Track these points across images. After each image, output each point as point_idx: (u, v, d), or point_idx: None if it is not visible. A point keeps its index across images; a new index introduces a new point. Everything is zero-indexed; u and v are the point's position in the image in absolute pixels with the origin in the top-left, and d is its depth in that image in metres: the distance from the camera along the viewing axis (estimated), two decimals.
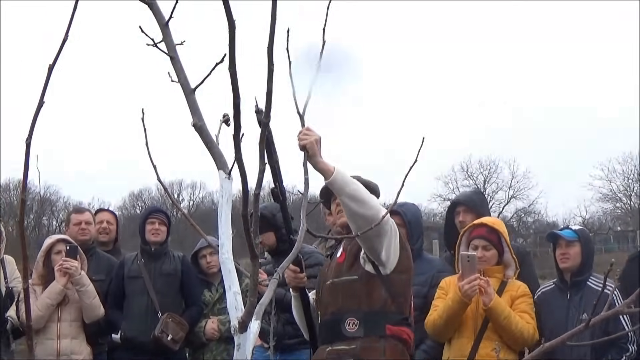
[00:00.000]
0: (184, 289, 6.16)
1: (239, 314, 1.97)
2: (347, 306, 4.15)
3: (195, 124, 2.10)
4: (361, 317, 4.11)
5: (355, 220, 3.85)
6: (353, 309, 4.13)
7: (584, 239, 5.10)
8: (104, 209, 7.43)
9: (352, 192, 3.81)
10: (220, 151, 2.09)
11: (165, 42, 2.12)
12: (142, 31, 2.09)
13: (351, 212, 3.84)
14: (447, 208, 5.96)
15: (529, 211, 55.44)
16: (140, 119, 2.32)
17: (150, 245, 6.18)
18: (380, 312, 4.14)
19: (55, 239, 6.01)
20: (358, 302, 4.14)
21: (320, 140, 3.72)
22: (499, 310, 4.66)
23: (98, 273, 6.12)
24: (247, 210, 1.85)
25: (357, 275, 4.15)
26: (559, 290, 5.07)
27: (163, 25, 2.12)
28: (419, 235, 5.40)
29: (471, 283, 4.64)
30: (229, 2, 1.67)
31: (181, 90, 2.10)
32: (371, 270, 4.14)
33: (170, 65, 2.13)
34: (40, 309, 5.69)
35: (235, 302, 2.00)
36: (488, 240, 4.93)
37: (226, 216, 2.06)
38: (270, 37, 1.79)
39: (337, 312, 4.18)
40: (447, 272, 5.18)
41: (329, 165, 3.79)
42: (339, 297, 4.18)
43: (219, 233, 2.05)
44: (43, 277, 5.89)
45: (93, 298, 5.83)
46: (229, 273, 2.01)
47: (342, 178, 3.81)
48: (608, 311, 1.99)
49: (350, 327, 4.11)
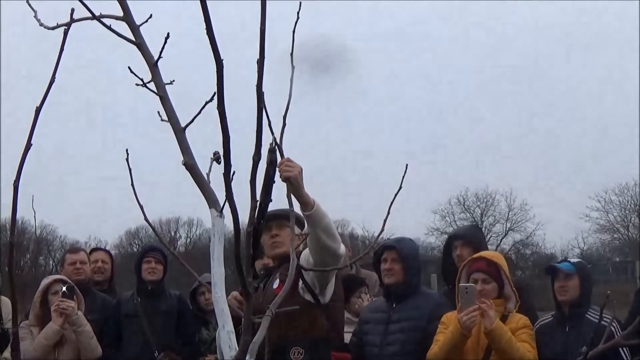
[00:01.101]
0: (181, 327, 6.13)
1: (233, 352, 1.95)
2: (290, 336, 4.21)
3: (186, 163, 2.09)
4: (306, 346, 4.18)
5: (323, 252, 3.98)
6: (297, 338, 4.19)
7: (582, 272, 5.10)
8: (99, 248, 7.44)
9: (326, 226, 3.96)
10: (211, 189, 2.07)
11: (155, 81, 2.12)
12: (131, 71, 2.10)
13: (322, 244, 3.95)
14: (445, 242, 5.95)
15: (527, 243, 55.30)
16: (125, 159, 2.33)
17: (147, 284, 6.17)
18: (324, 339, 4.23)
19: (52, 279, 5.98)
20: (302, 331, 4.21)
21: (302, 171, 3.77)
22: (501, 334, 4.61)
23: (92, 312, 6.08)
24: (239, 249, 1.84)
25: (298, 304, 4.19)
26: (557, 323, 5.05)
27: (152, 65, 2.12)
28: (416, 271, 5.38)
29: (469, 314, 4.61)
30: (215, 41, 1.68)
31: (171, 129, 2.10)
32: (311, 299, 4.21)
33: (160, 105, 2.12)
34: (37, 350, 5.64)
35: (229, 340, 1.98)
36: (487, 274, 4.91)
37: (218, 254, 2.04)
38: (259, 75, 1.80)
39: (281, 342, 4.23)
40: (445, 306, 5.15)
41: (311, 198, 3.89)
42: (280, 328, 4.20)
43: (211, 272, 2.04)
44: (40, 317, 5.85)
45: (91, 338, 5.78)
46: (222, 312, 2.00)
47: (320, 212, 3.93)
48: (606, 343, 1.97)
49: (295, 357, 4.18)
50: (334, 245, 3.98)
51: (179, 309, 6.15)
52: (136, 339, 6.03)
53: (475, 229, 6.45)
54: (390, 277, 5.23)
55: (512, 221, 55.22)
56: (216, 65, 1.71)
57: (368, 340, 5.17)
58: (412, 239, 5.88)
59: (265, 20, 1.75)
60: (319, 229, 3.92)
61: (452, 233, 6.22)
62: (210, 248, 2.07)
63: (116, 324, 6.12)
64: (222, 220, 2.05)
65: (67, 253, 6.67)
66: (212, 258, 2.05)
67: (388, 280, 5.25)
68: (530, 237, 54.73)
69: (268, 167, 2.99)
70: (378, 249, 5.49)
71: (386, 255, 5.30)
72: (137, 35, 2.18)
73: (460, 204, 55.25)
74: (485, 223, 53.82)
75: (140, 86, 2.15)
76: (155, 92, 2.13)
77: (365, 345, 5.18)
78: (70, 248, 8.51)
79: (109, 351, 5.98)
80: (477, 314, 4.62)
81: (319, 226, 3.92)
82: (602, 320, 4.76)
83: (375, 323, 5.21)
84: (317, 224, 3.92)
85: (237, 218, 1.82)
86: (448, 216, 54.17)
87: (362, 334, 5.24)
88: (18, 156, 1.86)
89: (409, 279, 5.23)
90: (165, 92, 2.14)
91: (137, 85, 2.17)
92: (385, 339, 5.08)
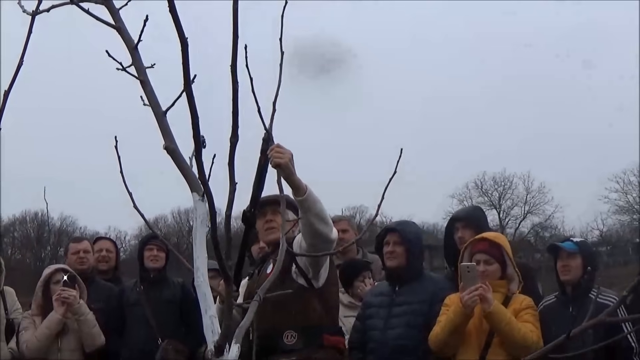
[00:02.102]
0: (184, 315, 6.12)
1: (216, 337, 1.93)
2: (283, 320, 4.23)
3: (168, 147, 2.07)
4: (299, 330, 4.20)
5: (315, 237, 3.98)
6: (290, 322, 4.21)
7: (585, 251, 5.05)
8: (103, 237, 7.40)
9: (318, 211, 3.95)
10: (193, 174, 2.05)
11: (135, 66, 2.10)
12: (109, 55, 2.08)
13: (314, 229, 3.95)
14: (446, 224, 5.91)
15: (545, 226, 55.28)
16: (114, 147, 2.31)
17: (149, 272, 6.16)
18: (317, 323, 4.24)
19: (53, 268, 5.99)
20: (294, 315, 4.22)
21: (292, 156, 3.78)
22: (500, 316, 4.58)
23: (97, 301, 6.07)
24: (215, 232, 1.83)
25: (292, 288, 4.19)
26: (561, 303, 5.01)
27: (132, 49, 2.10)
28: (418, 254, 5.35)
29: (471, 294, 4.58)
30: (179, 19, 1.65)
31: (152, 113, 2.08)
32: (304, 283, 4.22)
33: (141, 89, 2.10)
34: (39, 339, 5.65)
35: (212, 325, 1.97)
36: (490, 255, 4.88)
37: (200, 239, 2.02)
38: (233, 55, 1.78)
39: (274, 325, 4.24)
40: (448, 289, 5.12)
41: (303, 183, 3.89)
42: (273, 311, 4.20)
43: (194, 256, 2.02)
44: (42, 307, 5.86)
45: (93, 327, 5.78)
46: (204, 297, 1.98)
47: (313, 197, 3.93)
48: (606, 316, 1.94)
49: (288, 340, 4.22)
50: (326, 230, 3.98)
51: (182, 297, 6.13)
52: (139, 327, 6.03)
53: (476, 210, 6.38)
54: (393, 260, 5.21)
55: (530, 204, 55.30)
56: (181, 44, 1.69)
57: (371, 324, 5.15)
58: (414, 222, 5.86)
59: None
60: (310, 214, 3.93)
61: (453, 215, 6.16)
62: (192, 233, 2.05)
63: (120, 312, 6.12)
64: (204, 204, 2.03)
65: (71, 242, 6.65)
66: (194, 243, 2.03)
67: (390, 263, 5.23)
68: (549, 219, 54.70)
69: (261, 156, 2.97)
70: (380, 232, 5.46)
71: (388, 238, 5.28)
72: (117, 19, 2.16)
73: (477, 188, 55.26)
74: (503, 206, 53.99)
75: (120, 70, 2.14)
76: (136, 77, 2.12)
77: (368, 329, 5.16)
78: (73, 237, 8.51)
79: (113, 339, 5.98)
80: (478, 293, 4.60)
81: (311, 211, 3.93)
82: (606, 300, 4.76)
83: (378, 307, 5.19)
84: (309, 209, 3.92)
85: (212, 201, 1.81)
86: (466, 200, 54.13)
87: (365, 318, 5.22)
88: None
89: (412, 261, 5.21)
90: (146, 76, 2.12)
91: (117, 69, 2.15)
92: (388, 322, 5.06)
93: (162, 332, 5.95)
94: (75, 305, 5.71)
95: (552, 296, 5.15)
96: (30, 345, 5.65)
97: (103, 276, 6.64)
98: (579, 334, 1.78)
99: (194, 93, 1.74)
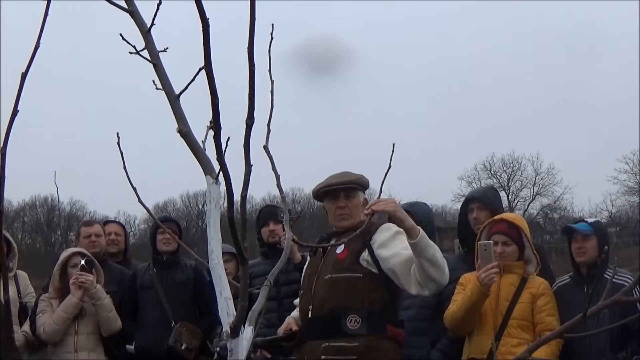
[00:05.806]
0: (197, 297, 6.14)
1: (231, 319, 1.94)
2: (348, 303, 4.16)
3: (181, 130, 2.07)
4: (364, 315, 4.12)
5: (428, 281, 4.00)
6: (355, 306, 4.15)
7: (599, 232, 5.02)
8: (112, 221, 7.38)
9: (430, 257, 3.96)
10: (206, 157, 2.05)
11: (148, 49, 2.09)
12: (123, 39, 2.07)
13: (427, 274, 3.97)
14: (461, 205, 5.88)
15: (554, 207, 55.11)
16: (116, 143, 2.32)
17: (162, 255, 6.18)
18: (382, 312, 4.15)
19: (71, 252, 6.01)
20: (360, 299, 4.16)
21: (396, 203, 4.06)
22: None
23: (110, 284, 6.10)
24: (232, 213, 1.83)
25: (361, 273, 4.14)
26: (575, 284, 4.99)
27: (145, 33, 2.10)
28: (430, 235, 5.32)
29: (488, 271, 4.58)
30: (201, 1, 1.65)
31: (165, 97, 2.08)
32: (374, 270, 4.15)
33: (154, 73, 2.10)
34: (57, 323, 5.69)
35: (227, 307, 1.97)
36: (508, 236, 4.88)
37: (214, 222, 2.02)
38: (250, 37, 1.77)
39: (336, 307, 4.19)
40: (460, 270, 5.11)
41: (416, 227, 3.95)
42: (339, 293, 4.17)
43: (208, 239, 2.02)
44: (59, 290, 5.89)
45: (110, 311, 5.82)
46: (219, 279, 1.98)
47: (425, 241, 3.95)
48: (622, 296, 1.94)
49: (352, 324, 4.12)
50: (437, 275, 4.00)
51: (195, 279, 6.15)
52: (152, 310, 6.04)
53: (492, 191, 6.36)
54: None
55: (539, 185, 55.08)
56: (202, 24, 1.69)
57: None
58: (426, 203, 5.84)
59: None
60: (422, 258, 3.95)
61: (468, 195, 6.13)
62: (206, 216, 2.05)
63: (133, 295, 6.14)
64: (217, 187, 2.03)
65: (82, 226, 6.66)
66: (209, 225, 2.04)
67: None
68: (558, 201, 54.51)
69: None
70: None
71: None
72: (130, 3, 2.16)
73: (486, 170, 55.09)
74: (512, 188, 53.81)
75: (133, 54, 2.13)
76: (149, 60, 2.11)
77: None
78: (84, 221, 8.48)
79: (126, 323, 6.01)
80: (496, 271, 4.60)
81: (422, 255, 3.95)
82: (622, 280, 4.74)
83: None
84: (421, 253, 3.95)
85: (229, 182, 1.81)
86: (475, 182, 54.00)
87: None
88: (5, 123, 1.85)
89: None
90: (159, 60, 2.12)
91: (131, 53, 2.14)
92: (400, 303, 5.06)
93: (175, 315, 5.97)
94: (92, 290, 5.74)
95: (567, 276, 5.14)
96: (47, 328, 5.69)
97: (113, 259, 6.66)
98: (595, 313, 1.77)
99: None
